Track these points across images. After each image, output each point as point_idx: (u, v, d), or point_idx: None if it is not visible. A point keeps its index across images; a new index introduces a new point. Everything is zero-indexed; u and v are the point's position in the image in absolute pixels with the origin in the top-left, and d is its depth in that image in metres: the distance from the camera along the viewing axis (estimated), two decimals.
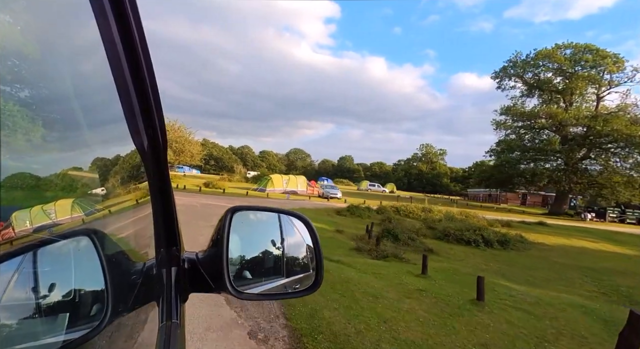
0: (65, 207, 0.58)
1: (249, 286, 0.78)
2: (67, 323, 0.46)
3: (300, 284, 0.84)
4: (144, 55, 0.52)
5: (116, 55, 0.51)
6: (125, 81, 0.54)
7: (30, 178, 0.47)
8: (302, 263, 0.87)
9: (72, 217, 0.59)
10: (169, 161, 34.99)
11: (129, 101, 0.56)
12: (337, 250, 8.82)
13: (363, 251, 8.97)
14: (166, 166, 0.70)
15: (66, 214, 0.58)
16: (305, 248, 0.86)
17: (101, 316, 0.51)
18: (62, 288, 0.47)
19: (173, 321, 0.72)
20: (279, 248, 0.85)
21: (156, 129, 0.62)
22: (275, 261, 0.85)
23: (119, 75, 0.53)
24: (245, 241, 0.84)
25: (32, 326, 0.42)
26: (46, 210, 0.52)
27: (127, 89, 0.55)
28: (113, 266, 0.57)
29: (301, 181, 36.22)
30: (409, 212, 18.92)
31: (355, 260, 7.53)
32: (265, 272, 0.83)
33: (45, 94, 0.53)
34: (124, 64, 0.52)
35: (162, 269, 0.77)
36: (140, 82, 0.55)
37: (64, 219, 0.57)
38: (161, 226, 0.77)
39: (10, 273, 0.40)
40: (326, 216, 16.50)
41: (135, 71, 0.53)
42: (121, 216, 0.81)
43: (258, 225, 0.92)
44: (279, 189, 33.24)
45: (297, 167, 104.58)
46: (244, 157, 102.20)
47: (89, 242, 0.53)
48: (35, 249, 0.46)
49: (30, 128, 0.48)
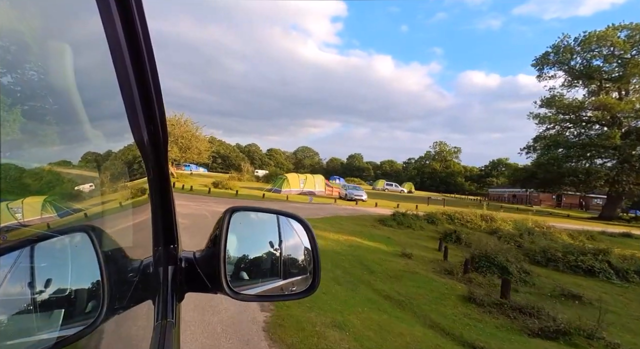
0: (62, 202, 0.57)
1: (245, 287, 0.78)
2: (62, 319, 0.46)
3: (297, 287, 0.85)
4: (146, 50, 0.52)
5: (119, 49, 0.51)
6: (127, 76, 0.54)
7: (28, 172, 0.48)
8: (300, 265, 0.87)
9: (69, 212, 0.58)
10: (175, 159, 32.16)
11: (130, 96, 0.56)
12: (442, 306, 5.33)
13: (484, 305, 5.38)
14: (166, 163, 0.70)
15: (63, 209, 0.57)
16: (303, 251, 0.86)
17: (96, 313, 0.51)
18: (58, 284, 0.47)
19: (168, 320, 0.72)
20: (276, 250, 0.85)
21: (157, 125, 0.61)
22: (272, 262, 0.84)
23: (121, 70, 0.53)
24: (243, 241, 0.84)
25: (26, 322, 0.42)
26: (42, 205, 0.51)
27: (128, 84, 0.55)
28: (110, 263, 0.56)
29: (319, 180, 32.65)
30: (465, 221, 15.33)
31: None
32: (262, 273, 0.82)
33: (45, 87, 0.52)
34: (126, 58, 0.52)
35: (159, 268, 0.77)
36: (142, 77, 0.55)
37: (61, 214, 0.56)
38: (159, 223, 0.77)
39: (7, 267, 0.40)
40: (371, 227, 13.03)
41: (137, 66, 0.53)
42: (120, 212, 0.79)
43: (256, 226, 0.91)
44: (295, 190, 29.84)
45: (304, 166, 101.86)
46: (251, 155, 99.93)
47: (87, 238, 0.53)
48: (33, 244, 0.45)
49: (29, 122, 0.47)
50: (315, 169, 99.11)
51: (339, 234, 10.50)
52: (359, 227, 12.53)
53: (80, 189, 0.64)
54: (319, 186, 32.31)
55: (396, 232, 12.56)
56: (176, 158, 31.54)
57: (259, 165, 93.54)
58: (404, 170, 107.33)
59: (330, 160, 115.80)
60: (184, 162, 35.89)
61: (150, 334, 0.70)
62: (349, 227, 12.29)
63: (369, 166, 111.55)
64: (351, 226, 12.72)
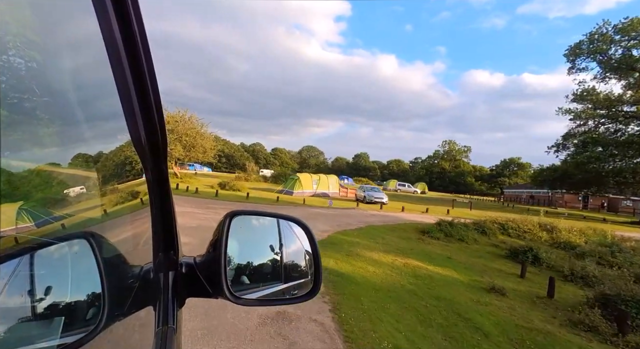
0: (59, 207, 0.56)
1: (246, 291, 0.77)
2: (62, 327, 0.45)
3: (299, 290, 0.84)
4: (143, 49, 0.52)
5: (115, 48, 0.50)
6: (124, 76, 0.53)
7: (25, 176, 0.47)
8: (301, 268, 0.86)
9: (67, 217, 0.57)
10: (179, 157, 29.79)
11: (128, 98, 0.55)
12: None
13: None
14: (166, 166, 0.69)
15: (61, 214, 0.56)
16: (304, 254, 0.86)
17: (97, 320, 0.51)
18: (58, 291, 0.46)
19: (169, 326, 0.72)
20: (277, 253, 0.84)
21: (155, 127, 0.61)
22: (273, 266, 0.83)
23: (117, 70, 0.52)
24: (244, 245, 0.83)
25: (27, 330, 0.42)
26: (40, 210, 0.50)
27: (126, 84, 0.54)
28: (110, 269, 0.56)
29: (333, 181, 30.17)
30: (522, 232, 12.88)
31: None
32: (263, 277, 0.81)
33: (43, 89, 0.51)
34: (123, 58, 0.51)
35: (159, 274, 0.76)
36: (140, 77, 0.54)
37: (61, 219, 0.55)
38: (159, 229, 0.77)
39: (7, 276, 0.39)
40: (417, 241, 10.61)
41: (134, 65, 0.53)
42: (119, 217, 0.78)
43: (257, 230, 0.90)
44: (308, 192, 27.45)
45: (310, 165, 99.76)
46: (256, 154, 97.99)
47: (86, 245, 0.52)
48: (32, 252, 0.44)
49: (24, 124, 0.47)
50: (320, 168, 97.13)
51: (389, 254, 8.11)
52: (405, 242, 10.13)
53: (78, 194, 0.61)
54: (333, 187, 29.82)
55: (451, 248, 10.13)
56: (180, 157, 29.14)
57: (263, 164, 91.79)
58: (411, 170, 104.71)
59: (335, 159, 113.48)
60: (188, 161, 33.42)
61: (152, 340, 0.70)
62: (393, 242, 9.89)
63: (375, 166, 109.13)
64: (395, 239, 10.32)
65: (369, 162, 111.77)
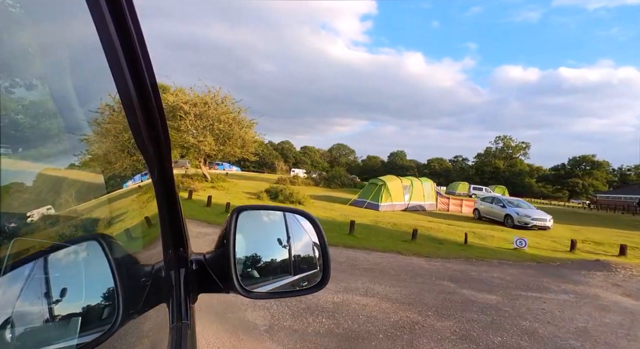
0: (67, 209, 0.58)
1: (257, 285, 0.78)
2: (79, 327, 0.47)
3: (308, 282, 0.85)
4: (141, 49, 0.53)
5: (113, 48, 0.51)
6: (123, 76, 0.54)
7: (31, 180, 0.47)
8: (309, 260, 0.86)
9: (76, 219, 0.58)
10: (209, 153, 21.46)
11: (128, 99, 0.56)
12: None
13: None
14: (170, 164, 0.71)
15: (72, 217, 0.58)
16: (312, 246, 0.86)
17: (112, 319, 0.52)
18: (73, 292, 0.48)
19: (183, 321, 0.74)
20: (285, 246, 0.85)
21: (157, 125, 0.62)
22: (282, 259, 0.84)
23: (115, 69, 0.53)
24: (252, 240, 0.84)
25: (45, 331, 0.43)
26: (50, 213, 0.51)
27: (126, 84, 0.54)
28: (122, 269, 0.57)
29: (428, 188, 20.39)
30: None
31: None
32: (272, 270, 0.82)
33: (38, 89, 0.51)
34: (121, 58, 0.52)
35: (170, 271, 0.78)
36: (138, 76, 0.55)
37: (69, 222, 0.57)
38: (168, 227, 0.78)
39: (23, 279, 0.41)
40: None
41: (133, 67, 0.54)
42: (127, 218, 0.80)
43: (264, 224, 0.91)
44: (399, 204, 18.17)
45: (340, 164, 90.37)
46: (284, 153, 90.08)
47: (98, 246, 0.54)
48: (46, 255, 0.46)
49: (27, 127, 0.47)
50: (351, 167, 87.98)
51: None
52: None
53: (85, 196, 0.63)
54: (429, 197, 20.23)
55: None
56: (212, 152, 20.36)
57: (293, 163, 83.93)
58: (454, 169, 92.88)
59: (367, 158, 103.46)
60: (220, 158, 24.62)
61: (167, 336, 0.72)
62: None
63: (413, 165, 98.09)
64: None
65: (406, 161, 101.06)
